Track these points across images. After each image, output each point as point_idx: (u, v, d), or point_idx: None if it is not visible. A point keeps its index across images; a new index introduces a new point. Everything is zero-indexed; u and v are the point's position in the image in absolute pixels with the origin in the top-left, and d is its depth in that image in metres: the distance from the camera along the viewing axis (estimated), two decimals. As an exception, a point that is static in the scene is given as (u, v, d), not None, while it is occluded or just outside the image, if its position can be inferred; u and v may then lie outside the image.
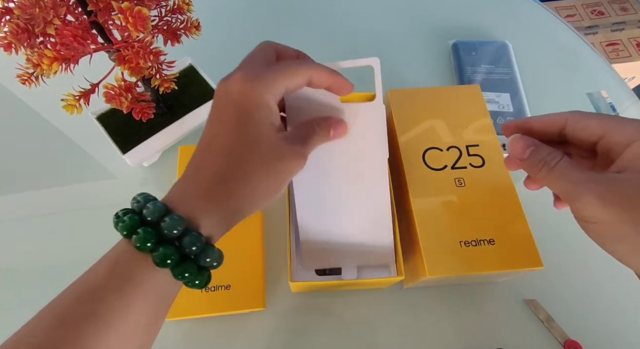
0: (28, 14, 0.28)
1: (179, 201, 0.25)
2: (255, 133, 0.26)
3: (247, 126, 0.26)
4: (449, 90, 0.43)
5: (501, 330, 0.39)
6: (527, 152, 0.26)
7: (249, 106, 0.26)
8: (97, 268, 0.24)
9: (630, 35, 1.13)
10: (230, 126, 0.26)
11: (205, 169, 0.26)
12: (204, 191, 0.25)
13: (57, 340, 0.20)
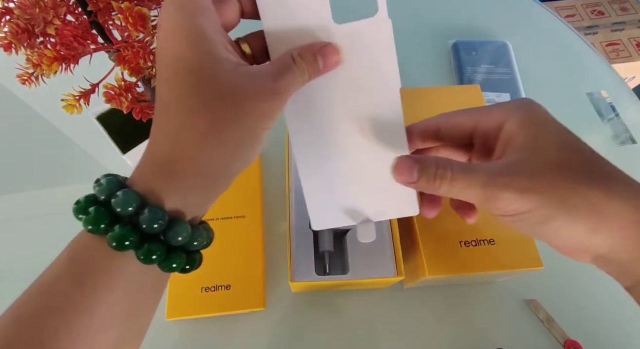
0: (28, 14, 0.28)
1: (139, 175, 0.22)
2: (202, 61, 0.20)
3: (184, 69, 0.20)
4: (449, 90, 0.43)
5: (501, 330, 0.38)
6: (414, 173, 0.24)
7: (180, 47, 0.20)
8: (57, 258, 0.21)
9: (630, 35, 1.14)
10: (168, 80, 0.21)
11: (158, 133, 0.22)
12: (162, 159, 0.21)
13: (13, 338, 0.18)
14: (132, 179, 0.22)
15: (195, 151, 0.21)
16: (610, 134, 0.51)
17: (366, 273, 0.34)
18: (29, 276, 0.45)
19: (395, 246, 0.35)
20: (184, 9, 0.20)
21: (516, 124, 0.23)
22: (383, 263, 0.35)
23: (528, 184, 0.21)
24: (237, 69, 0.21)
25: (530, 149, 0.22)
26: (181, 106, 0.20)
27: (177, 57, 0.20)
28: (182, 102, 0.20)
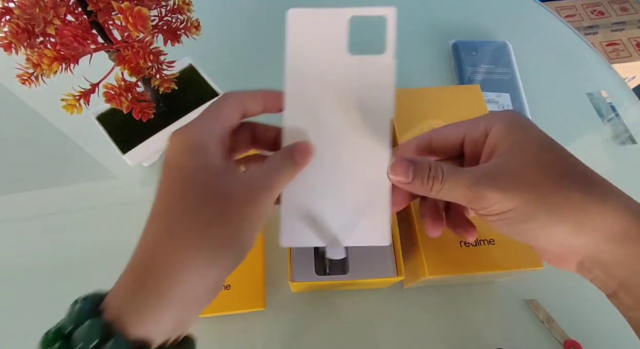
0: (28, 14, 0.28)
1: (113, 294, 0.21)
2: (196, 170, 0.22)
3: (179, 178, 0.22)
4: (449, 90, 0.43)
5: (501, 330, 0.38)
6: (409, 174, 0.25)
7: (180, 157, 0.23)
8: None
9: (630, 35, 1.13)
10: (161, 193, 0.23)
11: (141, 242, 0.22)
12: (140, 270, 0.21)
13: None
14: (107, 301, 0.21)
15: (173, 256, 0.20)
16: (610, 134, 0.51)
17: (366, 273, 0.34)
18: (28, 276, 0.45)
19: (395, 246, 0.35)
20: (185, 133, 0.24)
21: (501, 130, 0.24)
22: (383, 263, 0.35)
23: (510, 183, 0.22)
24: (227, 175, 0.23)
25: (514, 151, 0.23)
26: (168, 212, 0.22)
27: (177, 168, 0.23)
28: (170, 209, 0.22)
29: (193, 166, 0.22)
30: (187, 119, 0.44)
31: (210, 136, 0.24)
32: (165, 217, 0.22)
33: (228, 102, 0.25)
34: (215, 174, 0.22)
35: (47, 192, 0.46)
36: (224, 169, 0.23)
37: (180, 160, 0.23)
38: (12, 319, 0.40)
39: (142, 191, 0.46)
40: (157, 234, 0.21)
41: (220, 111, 0.25)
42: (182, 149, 0.23)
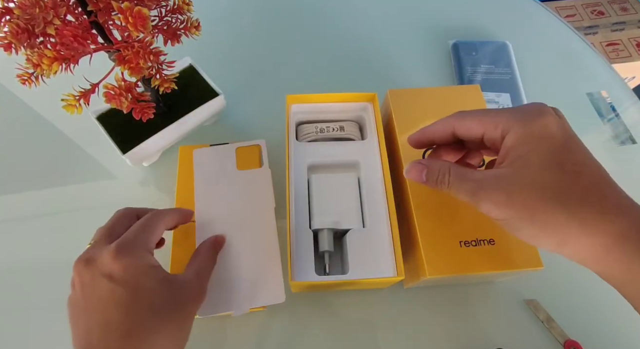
0: (28, 14, 0.28)
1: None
2: (154, 298, 0.28)
3: (143, 298, 0.28)
4: (449, 90, 0.43)
5: (501, 330, 0.39)
6: (423, 176, 0.29)
7: (139, 277, 0.28)
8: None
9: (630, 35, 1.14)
10: (123, 305, 0.27)
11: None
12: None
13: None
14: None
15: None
16: (610, 134, 0.51)
17: (366, 273, 0.34)
18: (28, 276, 0.45)
19: (395, 246, 0.35)
20: (128, 250, 0.30)
21: (514, 138, 0.26)
22: (383, 263, 0.35)
23: (504, 199, 0.25)
24: (173, 283, 0.30)
25: (517, 168, 0.25)
26: (140, 324, 0.27)
27: (134, 286, 0.28)
28: (141, 320, 0.27)
29: (152, 285, 0.28)
30: (187, 119, 0.44)
31: (148, 251, 0.30)
32: (131, 331, 0.27)
33: (159, 224, 0.32)
34: (169, 285, 0.29)
35: (47, 192, 0.46)
36: (171, 279, 0.30)
37: (138, 280, 0.28)
38: (12, 319, 0.40)
39: (142, 191, 0.46)
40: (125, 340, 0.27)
41: (155, 232, 0.32)
42: (141, 269, 0.29)
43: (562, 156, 0.25)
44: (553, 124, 0.25)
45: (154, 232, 0.31)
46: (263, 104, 0.51)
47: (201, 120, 0.46)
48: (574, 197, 0.24)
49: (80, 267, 0.29)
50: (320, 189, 0.38)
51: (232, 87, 0.50)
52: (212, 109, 0.46)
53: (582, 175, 0.24)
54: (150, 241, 0.31)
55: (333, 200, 0.38)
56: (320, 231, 0.36)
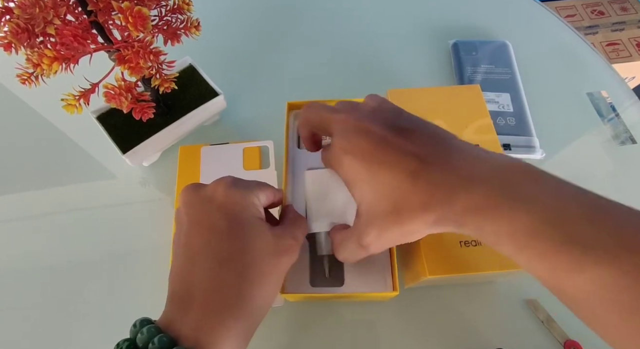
0: (28, 13, 0.28)
1: (185, 329, 0.23)
2: (251, 237, 0.26)
3: (242, 231, 0.26)
4: (449, 90, 0.43)
5: (501, 330, 0.39)
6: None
7: (240, 209, 0.26)
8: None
9: (630, 35, 1.14)
10: (220, 232, 0.26)
11: (202, 286, 0.25)
12: (210, 312, 0.23)
13: None
14: (174, 330, 0.23)
15: (243, 302, 0.25)
16: (610, 134, 0.51)
17: (362, 286, 0.34)
18: (29, 275, 0.45)
19: (391, 260, 0.34)
20: (238, 185, 0.28)
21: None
22: (379, 277, 0.34)
23: (375, 233, 0.27)
24: (271, 231, 0.27)
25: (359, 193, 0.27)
26: (228, 252, 0.25)
27: (232, 213, 0.26)
28: (228, 249, 0.25)
29: (253, 224, 0.27)
30: (187, 119, 0.44)
31: (257, 198, 0.28)
32: (230, 262, 0.25)
33: (269, 189, 0.30)
34: (269, 235, 0.27)
35: (47, 192, 0.46)
36: (271, 228, 0.28)
37: (243, 212, 0.27)
38: (12, 319, 0.40)
39: (142, 191, 0.46)
40: (223, 272, 0.25)
41: (266, 191, 0.30)
42: (244, 202, 0.27)
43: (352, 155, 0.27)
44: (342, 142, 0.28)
45: (264, 191, 0.29)
46: (263, 104, 0.51)
47: (201, 120, 0.46)
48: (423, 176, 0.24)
49: (189, 190, 0.28)
50: (316, 188, 0.37)
51: (232, 87, 0.50)
52: (212, 109, 0.46)
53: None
54: (261, 195, 0.29)
55: (330, 199, 0.37)
56: (318, 234, 0.36)
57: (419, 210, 0.24)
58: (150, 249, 0.42)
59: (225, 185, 0.27)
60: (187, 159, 0.44)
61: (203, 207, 0.27)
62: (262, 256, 0.26)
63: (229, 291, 0.24)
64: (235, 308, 0.24)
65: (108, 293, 0.40)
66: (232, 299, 0.24)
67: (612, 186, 0.46)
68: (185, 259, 0.26)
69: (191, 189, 0.28)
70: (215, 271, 0.24)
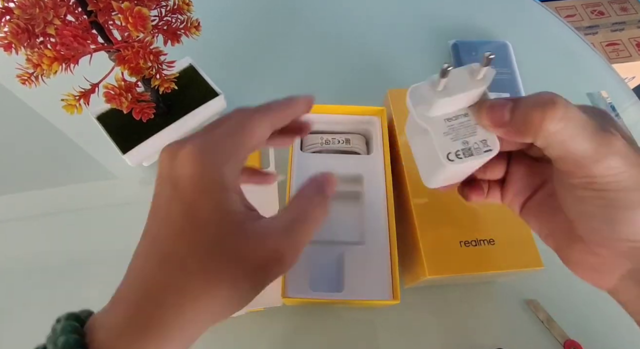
0: (28, 14, 0.28)
1: (99, 332, 0.18)
2: (212, 213, 0.19)
3: (196, 223, 0.19)
4: (449, 90, 0.43)
5: (501, 330, 0.38)
6: (506, 112, 0.20)
7: (198, 193, 0.20)
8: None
9: (630, 35, 1.13)
10: (171, 222, 0.20)
11: (134, 286, 0.19)
12: (128, 319, 0.18)
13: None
14: (93, 331, 0.19)
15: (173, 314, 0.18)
16: (610, 134, 0.51)
17: (361, 293, 0.34)
18: (28, 276, 0.45)
19: (393, 267, 0.34)
20: (209, 153, 0.21)
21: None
22: (379, 284, 0.34)
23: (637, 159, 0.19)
24: (245, 226, 0.20)
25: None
26: (173, 254, 0.19)
27: (189, 203, 0.20)
28: (175, 251, 0.19)
29: (210, 210, 0.19)
30: (187, 119, 0.44)
31: (235, 166, 0.21)
32: (171, 261, 0.19)
33: (260, 124, 0.23)
34: (235, 226, 0.20)
35: (47, 192, 0.46)
36: (244, 219, 0.20)
37: (196, 197, 0.20)
38: (12, 319, 0.40)
39: (142, 191, 0.46)
40: (159, 273, 0.19)
41: (252, 133, 0.22)
42: (200, 180, 0.20)
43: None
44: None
45: (248, 134, 0.22)
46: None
47: (201, 120, 0.46)
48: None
49: (164, 159, 0.21)
50: None
51: (232, 87, 0.50)
52: (212, 109, 0.46)
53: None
54: (239, 146, 0.22)
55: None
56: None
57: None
58: (150, 249, 0.42)
59: (187, 153, 0.20)
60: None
61: (164, 189, 0.21)
62: (218, 260, 0.19)
63: (153, 299, 0.18)
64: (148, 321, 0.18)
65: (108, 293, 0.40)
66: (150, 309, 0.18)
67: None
68: (138, 247, 0.21)
69: (166, 158, 0.21)
70: (153, 271, 0.19)
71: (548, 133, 0.19)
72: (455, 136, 0.22)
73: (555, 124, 0.18)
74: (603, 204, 0.19)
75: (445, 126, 0.22)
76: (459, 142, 0.22)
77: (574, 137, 0.18)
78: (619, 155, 0.18)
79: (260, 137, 0.23)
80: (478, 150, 0.22)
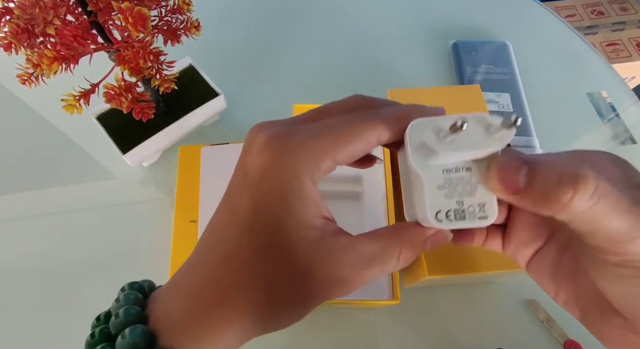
0: (28, 14, 0.28)
1: (166, 325, 0.18)
2: (284, 223, 0.17)
3: (263, 231, 0.18)
4: (449, 90, 0.43)
5: (501, 330, 0.38)
6: (521, 177, 0.17)
7: (267, 193, 0.17)
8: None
9: (630, 35, 1.13)
10: (240, 224, 0.18)
11: (197, 275, 0.19)
12: (198, 318, 0.18)
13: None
14: (157, 324, 0.18)
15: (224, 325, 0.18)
16: (610, 134, 0.51)
17: (361, 293, 0.34)
18: (29, 275, 0.45)
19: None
20: (288, 149, 0.17)
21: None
22: (379, 284, 0.34)
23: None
24: (320, 244, 0.17)
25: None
26: (240, 263, 0.18)
27: (257, 202, 0.18)
28: (242, 260, 0.18)
29: (281, 217, 0.17)
30: (187, 119, 0.44)
31: (320, 171, 0.18)
32: (235, 269, 0.18)
33: (367, 128, 0.18)
34: (305, 239, 0.17)
35: (47, 192, 0.46)
36: (317, 234, 0.18)
37: (265, 198, 0.18)
38: (12, 319, 0.40)
39: (142, 191, 0.46)
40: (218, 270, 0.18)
41: (351, 138, 0.18)
42: (279, 185, 0.17)
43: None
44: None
45: (348, 137, 0.18)
46: (263, 104, 0.51)
47: (201, 120, 0.46)
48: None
49: (249, 133, 0.19)
50: None
51: (232, 87, 0.50)
52: (212, 109, 0.46)
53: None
54: (334, 147, 0.18)
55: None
56: None
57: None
58: (150, 249, 0.42)
59: (264, 142, 0.18)
60: (187, 160, 0.44)
61: (236, 174, 0.19)
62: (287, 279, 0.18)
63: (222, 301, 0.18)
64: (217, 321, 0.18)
65: (108, 293, 0.40)
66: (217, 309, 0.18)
67: (612, 186, 0.46)
68: (201, 244, 0.20)
69: (249, 136, 0.19)
70: (216, 266, 0.18)
71: (575, 211, 0.16)
72: (451, 193, 0.19)
73: (585, 203, 0.15)
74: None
75: (441, 178, 0.19)
76: (453, 201, 0.19)
77: (607, 215, 0.15)
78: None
79: (353, 153, 0.18)
80: (472, 215, 0.19)
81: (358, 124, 0.18)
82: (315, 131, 0.18)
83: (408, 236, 0.20)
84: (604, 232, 0.16)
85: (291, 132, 0.18)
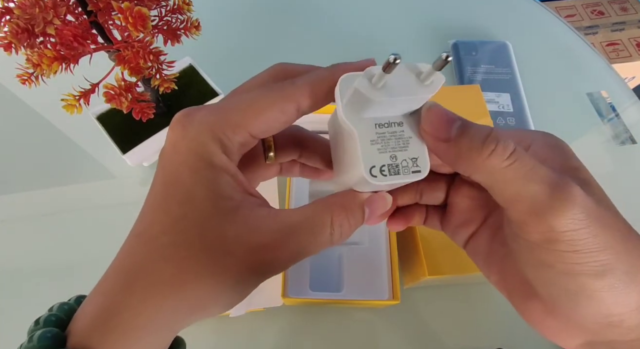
0: (28, 14, 0.28)
1: (79, 324, 0.17)
2: (186, 216, 0.17)
3: (172, 200, 0.17)
4: (449, 90, 0.43)
5: (501, 330, 0.38)
6: (452, 129, 0.17)
7: (177, 164, 0.17)
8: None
9: (630, 35, 1.13)
10: (153, 200, 0.18)
11: (113, 268, 0.17)
12: (103, 309, 0.16)
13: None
14: (74, 323, 0.17)
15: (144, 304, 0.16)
16: (610, 134, 0.51)
17: (360, 293, 0.34)
18: (29, 275, 0.45)
19: (393, 268, 0.34)
20: (199, 121, 0.17)
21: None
22: (379, 284, 0.34)
23: (602, 216, 0.16)
24: (236, 213, 0.17)
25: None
26: (149, 240, 0.17)
27: (173, 183, 0.17)
28: (151, 236, 0.17)
29: (195, 190, 0.17)
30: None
31: (238, 143, 0.18)
32: (147, 246, 0.17)
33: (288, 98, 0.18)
34: (222, 213, 0.17)
35: (47, 192, 0.46)
36: (236, 206, 0.17)
37: (180, 174, 0.17)
38: (12, 319, 0.40)
39: (142, 191, 0.46)
40: (136, 265, 0.17)
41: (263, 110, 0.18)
42: (180, 150, 0.17)
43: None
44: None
45: (258, 108, 0.18)
46: (263, 104, 0.51)
47: (201, 120, 0.46)
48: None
49: (172, 127, 0.18)
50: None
51: (232, 87, 0.49)
52: (212, 109, 0.46)
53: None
54: (244, 118, 0.17)
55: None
56: None
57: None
58: (150, 249, 0.42)
59: (177, 128, 0.18)
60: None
61: (159, 158, 0.19)
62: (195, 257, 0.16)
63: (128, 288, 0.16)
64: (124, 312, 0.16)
65: (108, 293, 0.40)
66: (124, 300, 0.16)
67: (612, 186, 0.46)
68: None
69: (172, 127, 0.18)
70: (131, 250, 0.17)
71: (491, 169, 0.16)
72: (384, 148, 0.18)
73: (501, 161, 0.16)
74: (564, 270, 0.16)
75: (374, 133, 0.18)
76: (387, 155, 0.18)
77: (522, 177, 0.16)
78: (580, 205, 0.15)
79: (271, 121, 0.18)
80: (406, 169, 0.18)
81: (270, 95, 0.18)
82: (227, 105, 0.18)
83: (337, 202, 0.19)
84: (522, 199, 0.16)
85: (202, 108, 0.18)
